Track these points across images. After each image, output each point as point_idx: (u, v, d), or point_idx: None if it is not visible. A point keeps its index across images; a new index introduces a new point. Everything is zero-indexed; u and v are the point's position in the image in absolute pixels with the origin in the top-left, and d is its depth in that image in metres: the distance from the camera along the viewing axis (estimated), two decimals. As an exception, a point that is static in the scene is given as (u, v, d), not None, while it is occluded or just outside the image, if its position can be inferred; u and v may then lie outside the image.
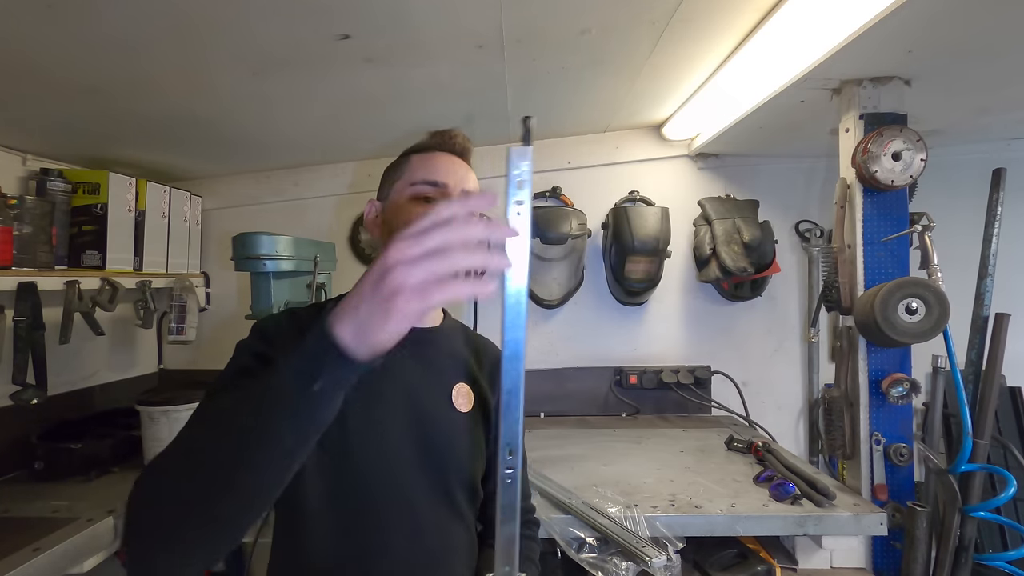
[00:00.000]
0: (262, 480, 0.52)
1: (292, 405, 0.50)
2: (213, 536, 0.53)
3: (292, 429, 0.50)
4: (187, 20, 1.01)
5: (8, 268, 1.34)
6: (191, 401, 1.59)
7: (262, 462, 0.51)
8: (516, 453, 0.52)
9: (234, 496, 0.51)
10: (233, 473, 0.50)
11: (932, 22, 1.03)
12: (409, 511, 0.79)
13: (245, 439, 0.50)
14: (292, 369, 0.50)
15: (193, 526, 0.52)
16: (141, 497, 0.54)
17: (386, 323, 0.47)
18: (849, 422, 1.37)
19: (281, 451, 0.51)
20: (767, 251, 1.95)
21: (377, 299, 0.47)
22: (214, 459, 0.51)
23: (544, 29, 1.20)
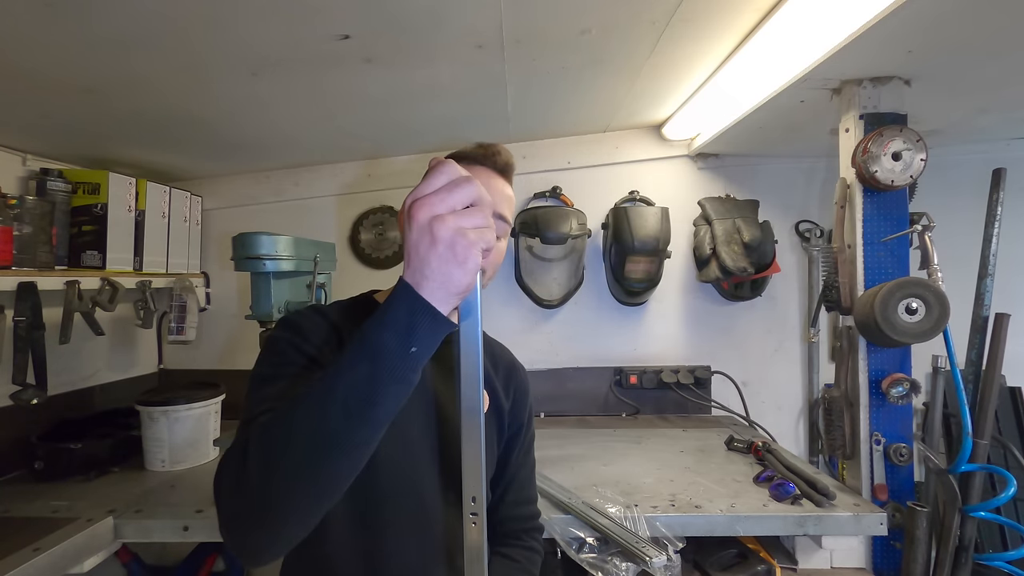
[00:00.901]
0: (364, 443, 0.55)
1: (394, 368, 0.53)
2: (318, 501, 0.56)
3: (396, 392, 0.54)
4: (186, 20, 1.01)
5: (8, 268, 1.34)
6: (191, 401, 1.60)
7: (373, 421, 0.54)
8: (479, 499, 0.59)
9: (351, 454, 0.55)
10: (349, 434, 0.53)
11: (932, 22, 1.03)
12: (421, 509, 0.80)
13: (357, 404, 0.53)
14: (388, 331, 0.54)
15: (300, 494, 0.54)
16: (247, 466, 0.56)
17: (460, 270, 0.52)
18: (849, 422, 1.37)
19: (388, 411, 0.55)
20: (767, 251, 1.95)
21: (439, 251, 0.52)
22: (329, 423, 0.53)
23: (544, 29, 1.20)
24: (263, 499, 0.54)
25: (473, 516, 0.59)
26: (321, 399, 0.54)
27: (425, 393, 0.85)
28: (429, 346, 0.55)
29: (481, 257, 0.54)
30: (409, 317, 0.53)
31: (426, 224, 0.52)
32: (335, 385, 0.54)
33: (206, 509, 1.29)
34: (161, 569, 1.88)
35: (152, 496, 1.38)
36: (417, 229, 0.53)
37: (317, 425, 0.53)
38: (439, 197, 0.53)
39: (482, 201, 0.55)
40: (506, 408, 0.95)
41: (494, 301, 2.09)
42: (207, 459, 1.65)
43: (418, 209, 0.53)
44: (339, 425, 0.53)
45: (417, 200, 0.53)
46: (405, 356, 0.53)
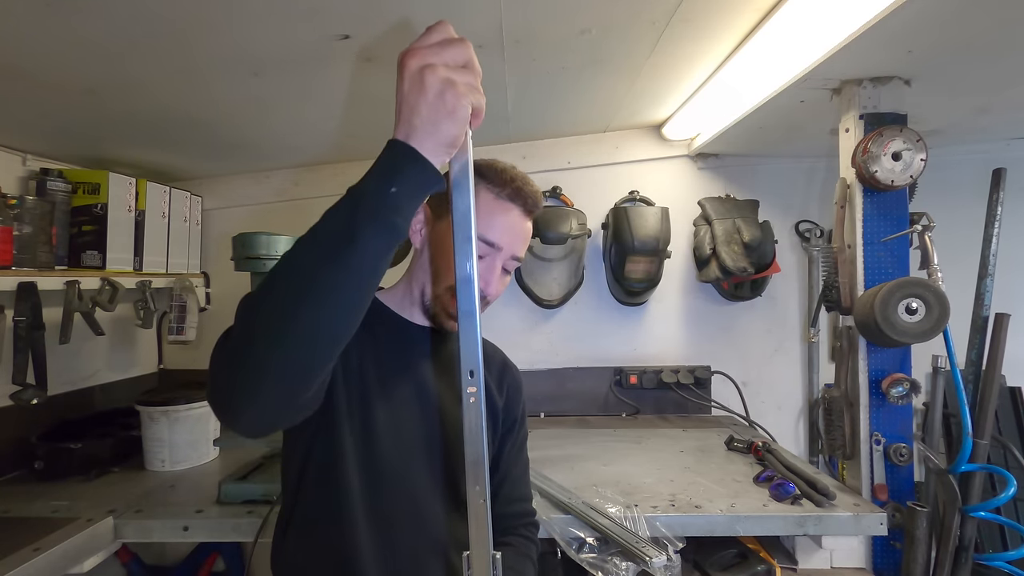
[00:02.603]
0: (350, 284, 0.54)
1: (373, 208, 0.53)
2: (299, 352, 0.54)
3: (374, 233, 0.53)
4: (186, 20, 1.01)
5: (8, 268, 1.34)
6: (191, 401, 1.60)
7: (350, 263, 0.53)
8: (477, 373, 0.56)
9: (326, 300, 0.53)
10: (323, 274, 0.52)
11: (932, 22, 1.03)
12: (417, 504, 0.81)
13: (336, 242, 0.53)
14: (371, 176, 0.54)
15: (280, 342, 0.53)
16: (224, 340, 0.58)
17: (450, 119, 0.53)
18: (849, 422, 1.37)
19: (365, 254, 0.53)
20: (767, 251, 1.95)
21: (429, 100, 0.52)
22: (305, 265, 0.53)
23: (544, 29, 1.20)
24: (245, 350, 0.54)
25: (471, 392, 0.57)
26: (300, 245, 0.54)
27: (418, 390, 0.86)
28: (411, 190, 0.54)
29: (470, 111, 0.54)
30: (391, 160, 0.54)
31: (416, 72, 0.52)
32: (315, 229, 0.54)
33: (206, 509, 1.29)
34: (161, 569, 1.89)
35: (152, 496, 1.38)
36: (408, 78, 0.53)
37: (295, 268, 0.54)
38: (432, 50, 0.53)
39: (473, 65, 0.55)
40: (500, 405, 0.96)
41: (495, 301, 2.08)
42: (207, 459, 1.65)
43: (410, 58, 0.53)
44: (316, 265, 0.53)
45: (409, 50, 0.54)
46: (385, 195, 0.53)
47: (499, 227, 0.84)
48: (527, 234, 0.88)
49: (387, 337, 0.87)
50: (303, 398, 0.58)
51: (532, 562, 0.94)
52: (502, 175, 0.85)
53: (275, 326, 0.53)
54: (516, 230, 0.86)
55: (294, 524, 0.81)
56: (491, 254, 0.83)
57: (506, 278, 0.89)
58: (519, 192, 0.85)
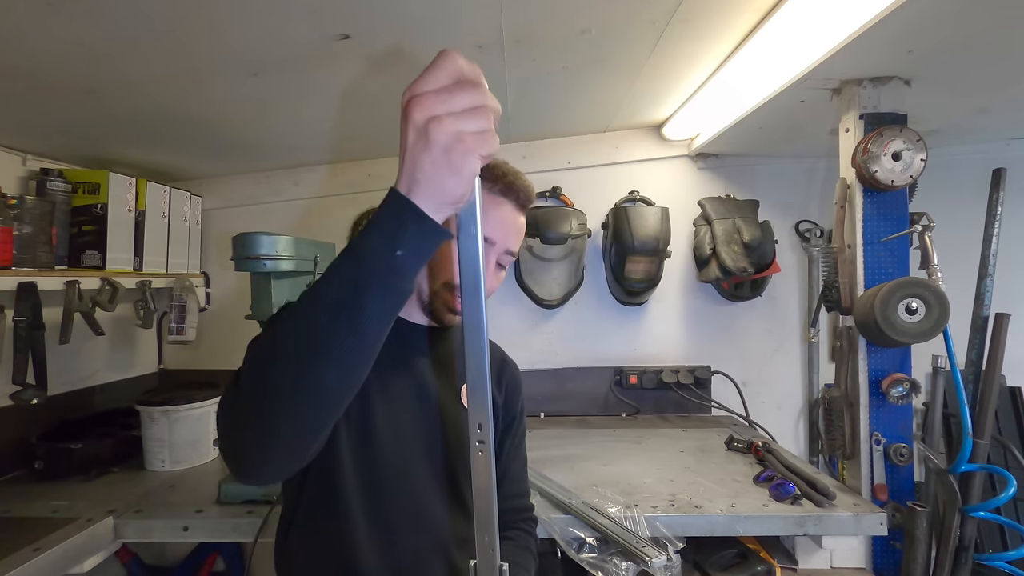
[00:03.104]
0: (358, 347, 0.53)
1: (379, 274, 0.51)
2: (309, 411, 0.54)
3: (382, 297, 0.52)
4: (187, 20, 1.01)
5: (8, 268, 1.34)
6: (191, 401, 1.60)
7: (357, 329, 0.52)
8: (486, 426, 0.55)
9: (335, 364, 0.52)
10: (331, 340, 0.51)
11: (932, 22, 1.03)
12: (417, 502, 0.81)
13: (340, 308, 0.51)
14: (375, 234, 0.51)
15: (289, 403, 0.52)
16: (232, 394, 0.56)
17: (454, 178, 0.49)
18: (849, 422, 1.37)
19: (373, 319, 0.52)
20: (767, 251, 1.95)
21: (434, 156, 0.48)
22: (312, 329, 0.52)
23: (544, 29, 1.20)
24: (255, 414, 0.54)
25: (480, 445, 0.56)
26: (307, 305, 0.53)
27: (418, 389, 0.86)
28: (417, 251, 0.52)
29: (479, 165, 0.50)
30: (396, 219, 0.51)
31: (422, 126, 0.48)
32: (320, 290, 0.53)
33: (206, 509, 1.29)
34: (161, 569, 1.89)
35: (152, 496, 1.38)
36: (412, 130, 0.49)
37: (302, 331, 0.52)
38: (439, 97, 0.48)
39: (487, 104, 0.50)
40: (499, 402, 0.96)
41: (494, 301, 2.09)
42: (207, 459, 1.65)
43: (414, 108, 0.48)
44: (323, 330, 0.51)
45: (415, 97, 0.49)
46: (391, 259, 0.51)
47: (492, 221, 0.83)
48: (520, 228, 0.88)
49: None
50: (312, 450, 0.58)
51: (532, 555, 0.95)
52: (494, 171, 0.85)
53: (284, 391, 0.52)
54: (509, 224, 0.85)
55: (296, 524, 0.81)
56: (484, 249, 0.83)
57: (501, 273, 0.88)
58: (511, 187, 0.85)
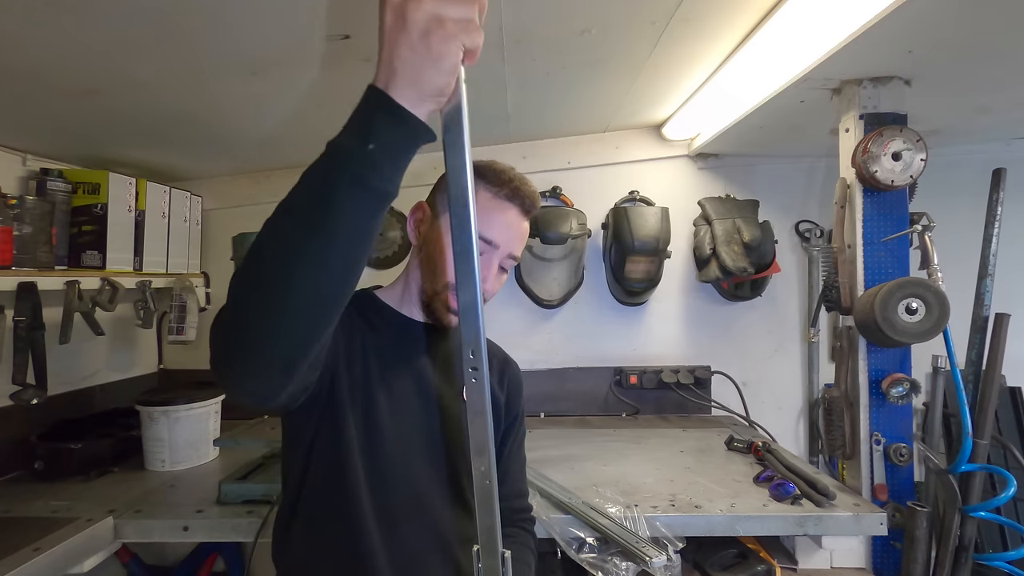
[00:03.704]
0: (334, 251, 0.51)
1: (350, 169, 0.48)
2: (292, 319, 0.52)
3: (352, 196, 0.49)
4: (187, 20, 1.01)
5: (8, 268, 1.34)
6: (191, 401, 1.60)
7: (330, 230, 0.49)
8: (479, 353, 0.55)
9: (310, 269, 0.50)
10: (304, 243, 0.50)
11: (932, 22, 1.03)
12: (419, 499, 0.81)
13: (313, 205, 0.49)
14: (347, 130, 0.49)
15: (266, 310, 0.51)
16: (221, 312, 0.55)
17: (433, 68, 0.46)
18: (849, 422, 1.37)
19: (345, 218, 0.50)
20: (767, 251, 1.95)
21: (412, 42, 0.45)
22: (285, 233, 0.51)
23: (544, 29, 1.20)
24: (239, 323, 0.53)
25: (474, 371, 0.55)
26: (278, 211, 0.51)
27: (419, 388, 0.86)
28: (392, 145, 0.49)
29: (461, 56, 0.47)
30: (368, 113, 0.48)
31: (399, 5, 0.45)
32: (292, 193, 0.51)
33: (206, 509, 1.29)
34: (161, 569, 1.89)
35: (152, 496, 1.38)
36: (390, 10, 0.45)
37: (272, 237, 0.51)
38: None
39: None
40: (501, 401, 0.96)
41: (494, 301, 2.08)
42: (207, 459, 1.65)
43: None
44: (294, 232, 0.50)
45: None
46: (363, 154, 0.48)
47: (497, 225, 0.84)
48: (524, 233, 0.88)
49: (387, 332, 0.88)
50: (302, 366, 0.57)
51: (532, 552, 0.96)
52: (500, 175, 0.85)
53: (263, 298, 0.51)
54: (514, 229, 0.86)
55: (298, 518, 0.81)
56: (488, 252, 0.84)
57: (503, 276, 0.89)
58: (517, 191, 0.85)
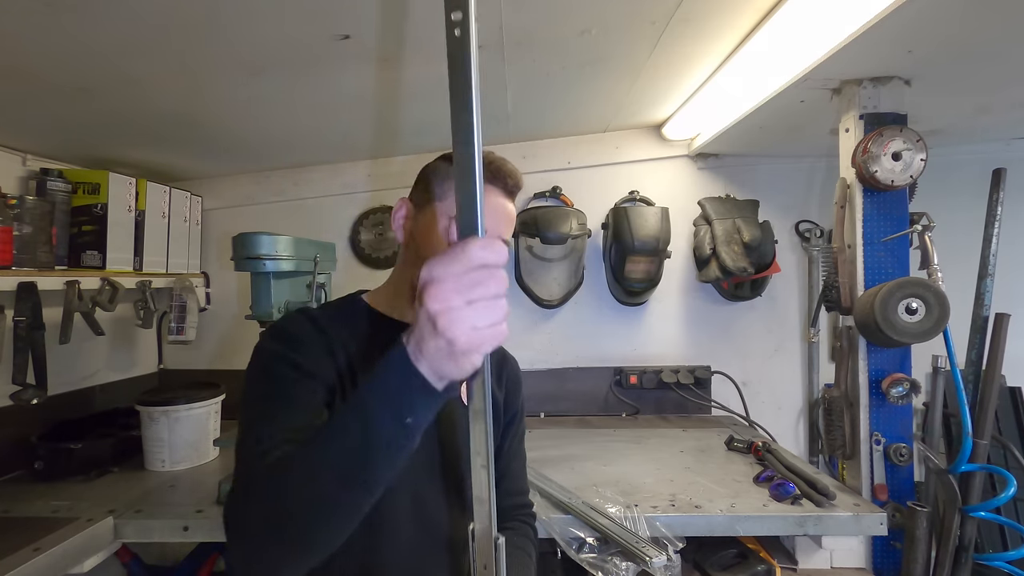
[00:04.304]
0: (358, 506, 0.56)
1: (388, 440, 0.53)
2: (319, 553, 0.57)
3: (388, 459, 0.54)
4: (186, 20, 1.01)
5: (8, 268, 1.34)
6: (191, 401, 1.60)
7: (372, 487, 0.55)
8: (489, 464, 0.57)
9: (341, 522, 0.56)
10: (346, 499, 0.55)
11: (932, 22, 1.03)
12: (421, 505, 0.81)
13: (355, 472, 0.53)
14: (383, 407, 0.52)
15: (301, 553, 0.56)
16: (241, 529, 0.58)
17: (454, 367, 0.49)
18: (849, 422, 1.37)
19: (382, 475, 0.55)
20: (767, 251, 1.95)
21: (439, 344, 0.48)
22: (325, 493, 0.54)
23: (544, 29, 1.20)
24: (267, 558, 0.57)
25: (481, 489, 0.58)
26: (315, 466, 0.54)
27: None
28: (426, 416, 0.53)
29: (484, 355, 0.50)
30: (404, 387, 0.51)
31: (434, 315, 0.47)
32: (328, 452, 0.54)
33: (206, 509, 1.29)
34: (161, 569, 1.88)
35: (152, 496, 1.38)
36: (424, 315, 0.48)
37: (311, 492, 0.54)
38: (456, 287, 0.47)
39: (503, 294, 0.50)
40: (500, 399, 0.96)
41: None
42: (207, 459, 1.65)
43: (430, 295, 0.47)
44: (333, 491, 0.54)
45: (433, 282, 0.48)
46: (402, 428, 0.52)
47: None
48: (510, 216, 0.86)
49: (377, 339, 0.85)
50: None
51: (533, 544, 0.96)
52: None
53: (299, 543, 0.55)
54: (499, 211, 0.84)
55: None
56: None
57: None
58: (498, 173, 0.84)
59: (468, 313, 0.47)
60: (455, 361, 0.49)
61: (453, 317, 0.47)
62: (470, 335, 0.47)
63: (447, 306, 0.47)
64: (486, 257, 0.48)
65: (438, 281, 0.48)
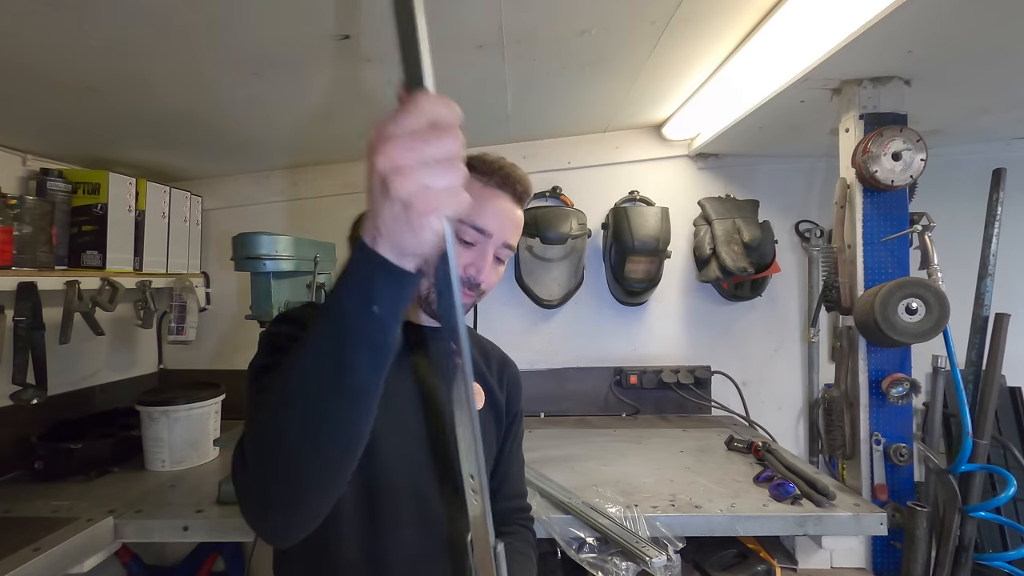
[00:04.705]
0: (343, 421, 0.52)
1: (361, 335, 0.49)
2: (324, 477, 0.54)
3: (370, 358, 0.51)
4: (186, 20, 1.01)
5: (8, 268, 1.34)
6: (191, 401, 1.60)
7: (352, 391, 0.51)
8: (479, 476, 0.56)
9: (331, 436, 0.52)
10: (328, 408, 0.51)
11: (932, 22, 1.03)
12: (420, 505, 0.81)
13: (329, 370, 0.50)
14: (348, 292, 0.49)
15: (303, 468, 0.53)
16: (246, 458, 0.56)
17: (412, 235, 0.46)
18: (849, 422, 1.37)
19: (365, 378, 0.51)
20: (767, 251, 1.95)
21: (394, 210, 0.45)
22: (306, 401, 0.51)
23: (544, 29, 1.20)
24: (270, 492, 0.54)
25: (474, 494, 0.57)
26: (295, 380, 0.52)
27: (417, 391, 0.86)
28: (394, 303, 0.50)
29: (442, 225, 0.46)
30: (366, 273, 0.48)
31: (384, 175, 0.44)
32: (305, 362, 0.52)
33: (206, 509, 1.29)
34: (161, 569, 1.89)
35: (152, 496, 1.38)
36: (375, 178, 0.45)
37: (297, 408, 0.52)
38: (406, 144, 0.43)
39: (459, 155, 0.45)
40: (502, 402, 0.96)
41: (494, 301, 2.09)
42: (207, 459, 1.65)
43: (379, 153, 0.44)
44: (317, 403, 0.51)
45: (381, 141, 0.44)
46: (370, 317, 0.49)
47: (489, 213, 0.81)
48: (518, 221, 0.86)
49: None
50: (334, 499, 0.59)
51: (533, 547, 0.96)
52: (490, 164, 0.84)
53: (294, 471, 0.53)
54: (507, 216, 0.83)
55: None
56: (482, 241, 0.81)
57: (499, 268, 0.86)
58: (507, 179, 0.84)
59: (421, 172, 0.44)
60: (411, 228, 0.45)
61: (406, 176, 0.43)
62: (425, 195, 0.44)
63: (397, 164, 0.43)
64: (438, 112, 0.44)
65: (387, 139, 0.44)
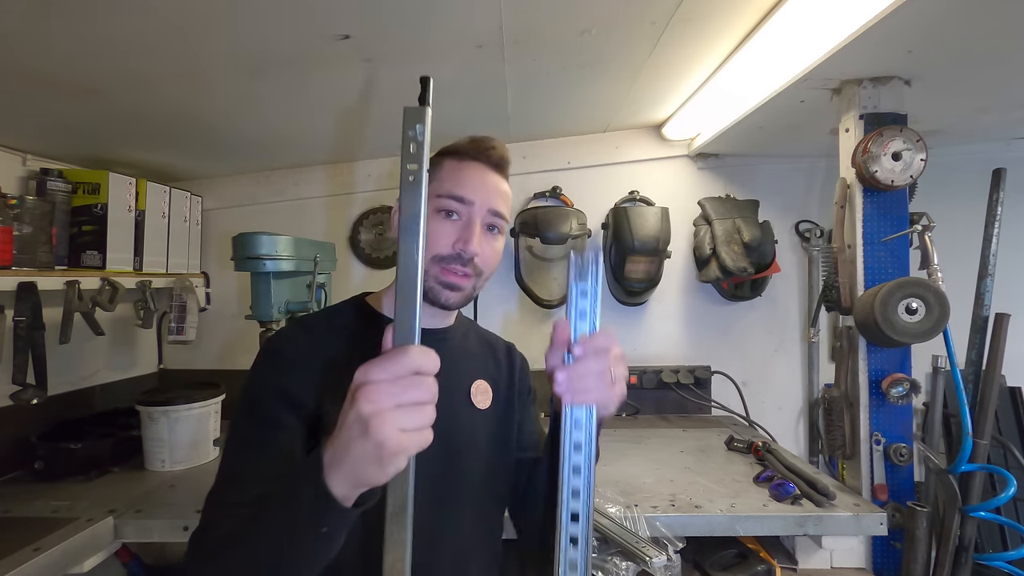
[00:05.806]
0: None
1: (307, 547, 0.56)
2: None
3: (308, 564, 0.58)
4: (187, 20, 1.01)
5: (8, 268, 1.34)
6: (191, 401, 1.60)
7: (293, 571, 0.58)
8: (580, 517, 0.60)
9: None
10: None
11: (932, 22, 1.03)
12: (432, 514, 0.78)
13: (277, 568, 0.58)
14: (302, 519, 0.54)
15: None
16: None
17: (379, 471, 0.49)
18: (849, 422, 1.37)
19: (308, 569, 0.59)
20: (767, 251, 1.95)
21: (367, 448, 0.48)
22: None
23: (544, 29, 1.20)
24: None
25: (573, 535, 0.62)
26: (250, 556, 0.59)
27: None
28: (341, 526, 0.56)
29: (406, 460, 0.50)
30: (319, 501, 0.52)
31: (365, 417, 0.48)
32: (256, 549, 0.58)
33: (206, 509, 1.29)
34: (161, 569, 1.88)
35: (152, 496, 1.38)
36: (354, 415, 0.48)
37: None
38: (389, 390, 0.48)
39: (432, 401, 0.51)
40: (516, 379, 0.96)
41: (495, 301, 2.09)
42: (207, 459, 1.65)
43: (363, 397, 0.48)
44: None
45: (366, 384, 0.48)
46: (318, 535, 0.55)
47: (466, 181, 0.80)
48: (501, 188, 0.83)
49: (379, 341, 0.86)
50: None
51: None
52: (462, 142, 0.84)
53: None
54: (488, 183, 0.81)
55: None
56: (465, 212, 0.79)
57: (495, 242, 0.83)
58: (479, 147, 0.83)
59: (397, 414, 0.48)
60: (380, 465, 0.49)
61: (384, 419, 0.47)
62: (399, 437, 0.48)
63: (379, 408, 0.48)
64: (422, 364, 0.50)
65: (373, 383, 0.48)
